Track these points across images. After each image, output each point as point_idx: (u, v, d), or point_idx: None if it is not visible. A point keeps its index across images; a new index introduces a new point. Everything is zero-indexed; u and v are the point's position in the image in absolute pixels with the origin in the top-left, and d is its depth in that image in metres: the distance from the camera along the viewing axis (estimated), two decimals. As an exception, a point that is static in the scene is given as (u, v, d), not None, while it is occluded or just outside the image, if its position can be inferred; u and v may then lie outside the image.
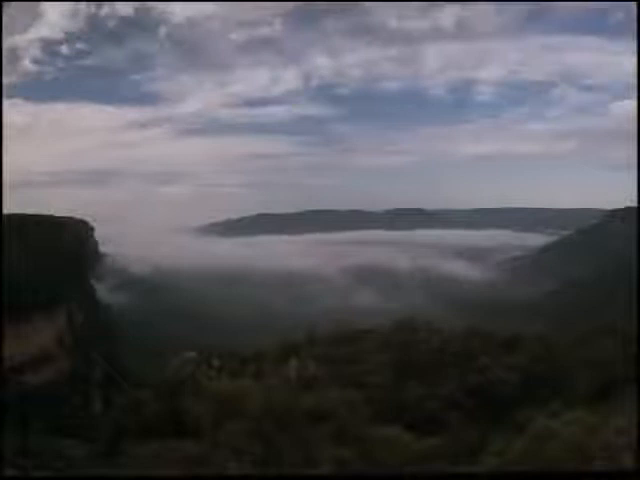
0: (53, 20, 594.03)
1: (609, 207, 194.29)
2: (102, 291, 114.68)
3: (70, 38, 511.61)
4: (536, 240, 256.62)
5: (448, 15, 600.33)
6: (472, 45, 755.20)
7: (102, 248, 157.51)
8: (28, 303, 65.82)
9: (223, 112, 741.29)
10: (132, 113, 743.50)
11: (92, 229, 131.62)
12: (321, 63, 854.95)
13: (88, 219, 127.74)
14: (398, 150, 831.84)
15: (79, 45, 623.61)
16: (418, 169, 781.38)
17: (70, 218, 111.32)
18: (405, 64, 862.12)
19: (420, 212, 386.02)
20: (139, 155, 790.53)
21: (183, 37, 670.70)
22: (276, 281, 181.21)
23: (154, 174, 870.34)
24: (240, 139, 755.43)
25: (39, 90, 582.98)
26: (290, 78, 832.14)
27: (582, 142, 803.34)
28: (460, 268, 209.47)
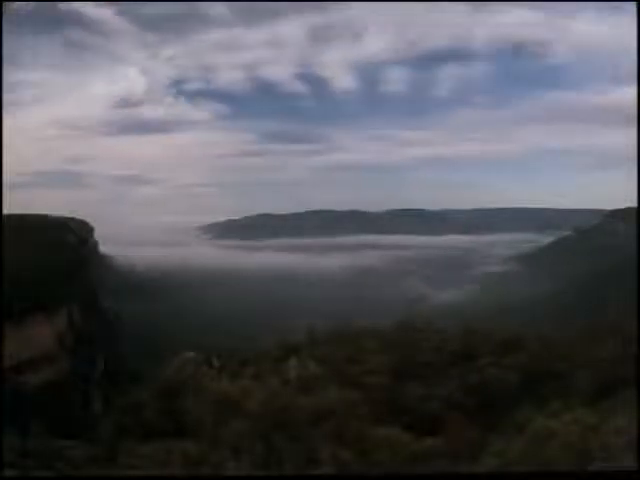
0: None
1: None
2: (102, 291, 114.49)
3: None
4: (535, 240, 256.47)
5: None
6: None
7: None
8: (28, 303, 65.83)
9: (116, 112, 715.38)
10: (26, 117, 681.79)
11: (92, 229, 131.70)
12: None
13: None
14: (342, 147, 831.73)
15: None
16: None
17: (71, 219, 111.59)
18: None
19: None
20: (80, 156, 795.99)
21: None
22: (275, 281, 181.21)
23: (109, 175, 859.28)
24: (172, 137, 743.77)
25: None
26: (148, 76, 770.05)
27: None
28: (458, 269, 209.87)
